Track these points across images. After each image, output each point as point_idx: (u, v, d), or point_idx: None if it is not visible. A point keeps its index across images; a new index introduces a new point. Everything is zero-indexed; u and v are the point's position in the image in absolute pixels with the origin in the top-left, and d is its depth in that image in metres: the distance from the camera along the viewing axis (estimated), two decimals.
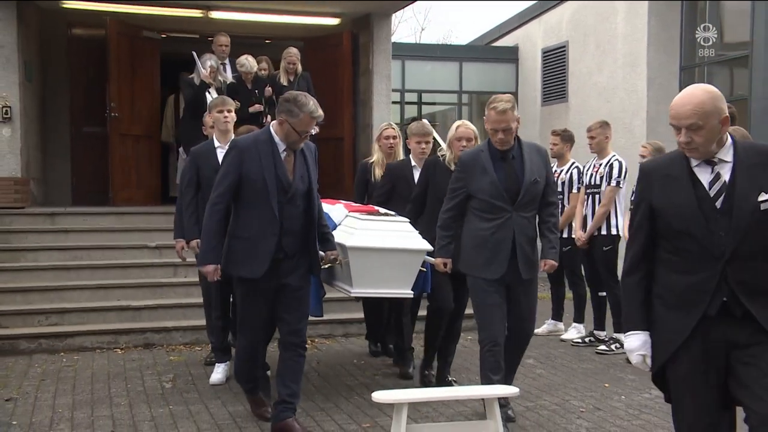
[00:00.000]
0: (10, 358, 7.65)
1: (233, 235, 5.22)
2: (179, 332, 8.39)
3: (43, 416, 5.86)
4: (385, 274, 5.74)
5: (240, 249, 5.16)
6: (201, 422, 5.70)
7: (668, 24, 15.05)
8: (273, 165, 5.08)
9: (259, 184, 5.04)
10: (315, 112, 5.09)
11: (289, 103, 5.09)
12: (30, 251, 9.34)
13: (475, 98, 18.98)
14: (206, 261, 5.27)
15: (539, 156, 5.54)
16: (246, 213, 5.16)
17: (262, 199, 5.06)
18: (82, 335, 8.14)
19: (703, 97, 3.31)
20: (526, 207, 5.38)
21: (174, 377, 6.96)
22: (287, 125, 5.07)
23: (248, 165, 5.05)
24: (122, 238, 9.80)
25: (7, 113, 10.33)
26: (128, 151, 11.52)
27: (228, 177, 5.09)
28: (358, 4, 11.62)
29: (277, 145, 5.14)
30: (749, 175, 3.27)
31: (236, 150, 5.14)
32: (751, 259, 3.24)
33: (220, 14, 11.77)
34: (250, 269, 5.10)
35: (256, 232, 5.09)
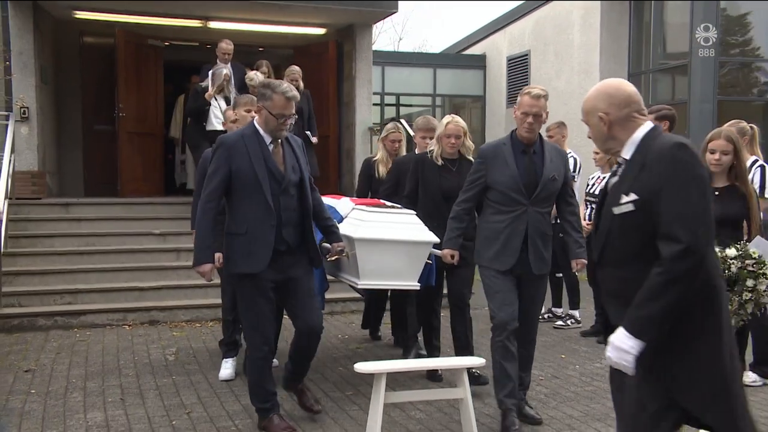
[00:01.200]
0: (28, 334, 7.66)
1: (230, 232, 4.66)
2: (181, 310, 8.39)
3: (59, 386, 5.86)
4: (392, 266, 5.24)
5: (238, 245, 4.59)
6: (201, 390, 5.72)
7: (618, 36, 15.18)
8: (262, 157, 4.58)
9: (251, 178, 4.53)
10: (288, 92, 4.60)
11: (263, 88, 4.68)
12: (46, 237, 9.32)
13: (448, 101, 19.07)
14: (202, 261, 4.70)
15: (559, 156, 5.07)
16: (241, 208, 4.62)
17: (256, 192, 4.54)
18: (94, 313, 8.14)
19: (588, 94, 3.05)
20: (543, 202, 4.92)
21: (176, 351, 6.98)
22: (264, 111, 4.60)
23: (237, 160, 4.55)
24: (129, 225, 9.79)
25: (25, 113, 10.35)
26: (134, 147, 11.51)
27: (217, 174, 4.57)
28: (342, 16, 11.60)
29: (263, 137, 4.65)
30: (629, 177, 2.87)
31: (223, 146, 4.62)
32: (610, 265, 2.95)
33: (217, 24, 11.75)
34: (251, 264, 4.56)
35: (252, 226, 4.56)
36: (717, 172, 4.43)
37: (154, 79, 11.94)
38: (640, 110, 2.95)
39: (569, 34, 16.29)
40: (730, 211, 4.31)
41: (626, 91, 2.97)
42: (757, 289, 4.07)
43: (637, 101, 2.96)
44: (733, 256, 4.12)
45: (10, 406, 5.34)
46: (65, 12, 11.24)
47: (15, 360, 6.63)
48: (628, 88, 3.01)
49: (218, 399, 5.52)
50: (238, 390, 5.72)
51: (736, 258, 4.11)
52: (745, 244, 4.17)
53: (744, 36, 14.24)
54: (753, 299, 4.09)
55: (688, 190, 2.69)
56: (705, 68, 13.32)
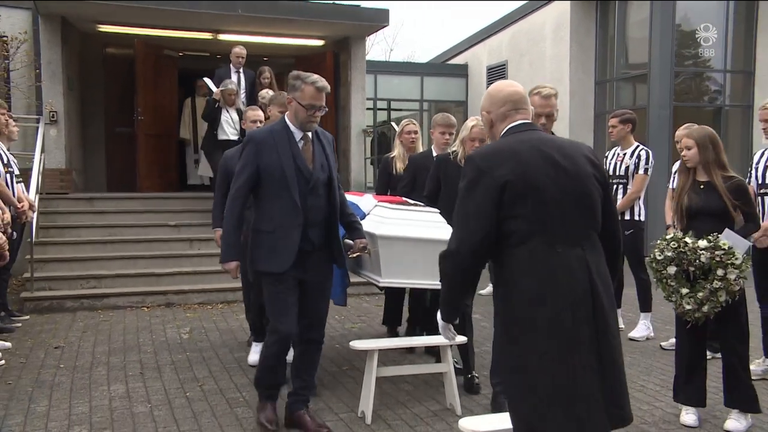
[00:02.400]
0: (57, 315, 7.69)
1: (256, 229, 4.17)
2: (194, 294, 8.41)
3: (85, 361, 5.88)
4: (415, 264, 4.60)
5: (264, 243, 4.11)
6: (212, 365, 5.75)
7: (585, 49, 15.23)
8: (291, 154, 4.07)
9: (278, 175, 4.03)
10: (318, 82, 4.08)
11: (293, 80, 4.13)
12: (73, 228, 9.32)
13: (434, 106, 19.05)
14: (229, 257, 4.18)
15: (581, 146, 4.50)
16: (267, 206, 4.11)
17: (283, 190, 4.04)
18: (116, 296, 8.17)
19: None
20: None
21: (190, 330, 7.00)
22: (294, 103, 4.09)
23: (265, 156, 4.05)
24: (147, 218, 9.79)
25: (54, 117, 10.36)
26: (151, 148, 11.47)
27: (245, 170, 4.08)
28: (339, 29, 11.59)
29: (293, 133, 4.14)
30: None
31: (252, 142, 4.12)
32: None
33: (226, 36, 11.71)
34: (276, 263, 4.07)
35: (279, 224, 4.06)
36: (694, 167, 4.43)
37: (170, 86, 11.92)
38: (518, 108, 2.87)
39: (542, 46, 16.33)
40: (711, 204, 4.28)
41: (505, 91, 2.91)
42: (727, 278, 4.08)
43: (515, 100, 2.88)
44: (704, 247, 4.13)
45: (41, 378, 5.36)
46: (90, 26, 11.23)
47: (46, 338, 6.65)
48: (508, 89, 2.93)
49: (227, 373, 5.54)
50: (245, 365, 5.75)
51: (706, 249, 4.12)
52: (716, 237, 4.16)
53: (696, 49, 14.29)
54: (724, 287, 4.09)
55: (458, 199, 2.76)
56: (662, 77, 13.38)
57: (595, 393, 2.60)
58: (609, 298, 2.70)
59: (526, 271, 2.63)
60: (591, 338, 2.61)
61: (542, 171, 2.67)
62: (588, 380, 2.60)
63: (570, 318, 2.59)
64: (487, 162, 2.69)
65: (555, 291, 2.60)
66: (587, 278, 2.62)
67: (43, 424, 4.42)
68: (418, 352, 6.08)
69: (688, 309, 4.21)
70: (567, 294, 2.60)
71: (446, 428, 4.35)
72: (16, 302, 7.86)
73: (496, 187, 2.63)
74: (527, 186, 2.63)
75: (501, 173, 2.63)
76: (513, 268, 2.66)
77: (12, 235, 6.60)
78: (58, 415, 4.58)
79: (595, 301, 2.62)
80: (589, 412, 2.58)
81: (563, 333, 2.59)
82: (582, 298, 2.61)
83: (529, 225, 2.63)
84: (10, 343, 6.29)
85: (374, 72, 18.01)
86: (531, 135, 2.80)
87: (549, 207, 2.64)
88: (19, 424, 4.41)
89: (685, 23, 14.02)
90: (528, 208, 2.62)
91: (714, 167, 4.37)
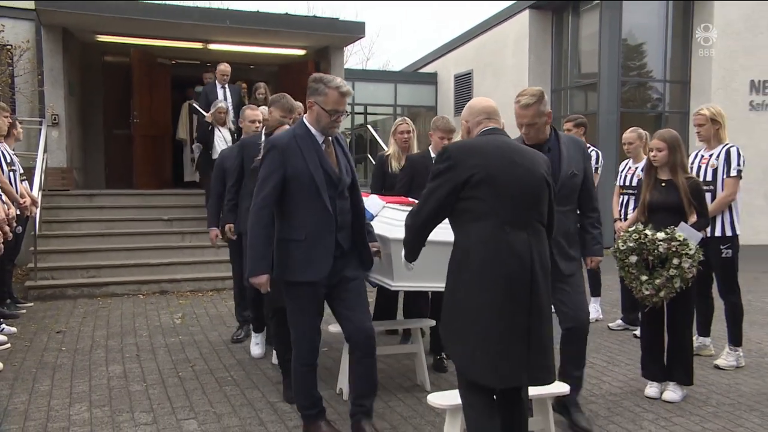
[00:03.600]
0: (60, 302, 7.60)
1: (286, 238, 3.56)
2: (186, 282, 8.35)
3: (85, 344, 5.81)
4: (427, 267, 4.09)
5: (297, 252, 3.53)
6: (202, 348, 5.71)
7: (543, 60, 15.37)
8: (317, 159, 3.54)
9: (307, 181, 3.49)
10: (342, 87, 3.55)
11: (315, 83, 3.58)
12: (74, 222, 9.20)
13: (406, 110, 19.12)
14: (259, 271, 3.52)
15: (577, 148, 3.98)
16: (298, 213, 3.54)
17: (313, 196, 3.50)
18: (114, 284, 8.09)
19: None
20: (563, 201, 3.82)
21: (182, 315, 6.94)
22: (316, 107, 3.55)
23: (291, 162, 3.50)
24: (143, 213, 9.69)
25: (56, 119, 10.23)
26: (147, 148, 11.38)
27: (271, 178, 3.50)
28: (319, 40, 11.55)
29: (316, 137, 3.60)
30: None
31: (276, 149, 3.54)
32: None
33: (216, 46, 11.66)
34: (312, 272, 3.52)
35: (312, 231, 3.51)
36: (659, 166, 4.48)
37: (163, 91, 11.80)
38: (490, 117, 3.16)
39: (504, 57, 16.43)
40: (670, 200, 4.34)
41: (481, 105, 3.21)
42: (682, 266, 4.15)
43: (488, 111, 3.17)
44: (662, 238, 4.19)
45: (44, 360, 5.29)
46: (89, 36, 11.10)
47: (48, 323, 6.57)
48: (483, 103, 3.22)
49: (217, 355, 5.51)
50: (233, 348, 5.72)
51: (664, 240, 4.18)
52: (673, 229, 4.21)
53: (640, 61, 14.47)
54: (679, 275, 4.15)
55: (429, 177, 3.05)
56: (610, 86, 13.51)
57: (520, 352, 2.83)
58: (545, 276, 2.93)
59: (478, 242, 2.88)
60: (525, 306, 2.84)
61: (501, 166, 2.92)
62: (516, 339, 2.83)
63: (508, 285, 2.82)
64: (459, 153, 2.97)
65: (499, 261, 2.84)
66: (528, 256, 2.86)
67: (46, 402, 4.37)
68: (395, 337, 6.09)
69: (646, 294, 4.29)
70: (508, 265, 2.83)
71: (416, 403, 4.36)
72: (20, 290, 7.76)
73: (462, 173, 2.89)
74: (487, 176, 2.88)
75: (470, 163, 2.90)
76: (469, 239, 2.92)
77: (17, 229, 6.53)
78: (60, 394, 4.53)
79: (532, 276, 2.85)
80: (510, 369, 2.83)
81: (501, 297, 2.82)
82: (521, 271, 2.84)
83: (485, 207, 2.88)
84: (15, 328, 6.21)
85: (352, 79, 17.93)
86: (497, 138, 3.08)
87: (502, 196, 2.88)
88: (24, 402, 4.36)
89: (631, 38, 14.18)
90: (486, 193, 2.88)
91: (678, 168, 4.45)
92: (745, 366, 5.26)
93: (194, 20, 10.39)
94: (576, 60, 15.11)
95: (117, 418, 4.09)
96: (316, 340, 3.68)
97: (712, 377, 4.97)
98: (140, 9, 10.40)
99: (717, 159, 5.28)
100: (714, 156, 5.31)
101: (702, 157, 5.42)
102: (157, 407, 4.29)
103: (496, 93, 16.15)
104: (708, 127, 5.36)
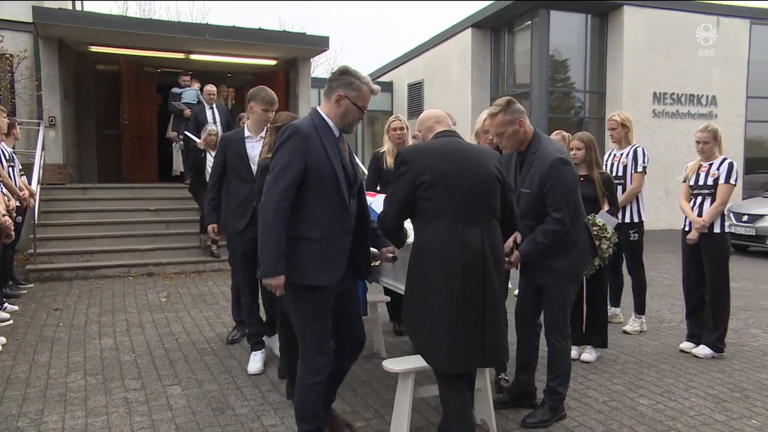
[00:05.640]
0: (57, 283, 7.43)
1: (299, 236, 2.74)
2: (171, 266, 8.22)
3: (80, 320, 5.69)
4: None
5: (311, 253, 2.75)
6: (185, 323, 5.64)
7: (483, 72, 15.49)
8: (338, 153, 2.82)
9: (328, 176, 2.75)
10: (372, 84, 2.92)
11: (346, 75, 2.86)
12: (70, 212, 8.97)
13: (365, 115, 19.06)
14: (277, 271, 2.68)
15: (539, 165, 3.30)
16: (314, 209, 2.76)
17: (334, 192, 2.77)
18: (106, 268, 7.91)
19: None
20: (524, 216, 3.34)
21: (167, 295, 6.84)
22: (347, 101, 2.83)
23: (314, 153, 2.74)
24: (132, 204, 9.50)
25: (53, 121, 9.99)
26: (135, 147, 11.17)
27: (293, 168, 2.70)
28: (288, 52, 11.43)
29: (333, 131, 2.86)
30: None
31: (299, 135, 2.73)
32: None
33: (197, 56, 11.47)
34: (327, 275, 2.77)
35: (328, 230, 2.77)
36: (578, 164, 4.54)
37: (150, 96, 11.58)
38: (439, 122, 2.98)
39: (450, 68, 16.52)
40: (587, 192, 4.39)
41: (429, 114, 3.05)
42: (601, 247, 4.21)
43: (436, 117, 3.01)
44: None
45: (44, 334, 5.17)
46: (83, 47, 10.84)
47: (47, 302, 6.41)
48: (431, 112, 3.07)
49: (198, 329, 5.45)
50: (213, 321, 5.68)
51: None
52: (593, 216, 4.26)
53: (565, 74, 14.70)
54: (598, 255, 4.19)
55: (390, 181, 2.91)
56: (540, 95, 13.70)
57: (475, 338, 2.72)
58: (498, 267, 2.80)
59: (433, 240, 2.73)
60: (478, 294, 2.73)
61: (452, 166, 2.75)
62: (471, 326, 2.72)
63: (462, 276, 2.69)
64: (411, 156, 2.79)
65: (453, 255, 2.70)
66: (481, 250, 2.72)
67: (45, 372, 4.27)
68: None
69: None
70: (462, 258, 2.70)
71: (374, 368, 4.38)
72: (22, 273, 7.55)
73: (415, 175, 2.73)
74: (438, 177, 2.72)
75: (422, 165, 2.74)
76: (425, 237, 2.76)
77: (17, 219, 6.38)
78: (57, 364, 4.44)
79: (485, 267, 2.73)
80: (467, 354, 2.72)
81: (456, 287, 2.70)
82: (474, 264, 2.71)
83: (438, 206, 2.72)
84: (17, 306, 6.07)
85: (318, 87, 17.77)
86: (448, 140, 2.88)
87: (453, 194, 2.72)
88: (25, 372, 4.26)
89: (557, 54, 14.40)
90: (438, 193, 2.72)
91: (594, 165, 4.54)
92: (647, 331, 5.43)
93: (177, 34, 10.25)
94: (511, 72, 15.29)
95: (109, 385, 4.02)
96: (330, 353, 2.88)
97: (621, 340, 5.12)
98: (129, 24, 10.27)
99: (627, 157, 5.42)
100: (624, 155, 5.45)
101: (614, 155, 5.56)
102: (145, 375, 4.23)
103: (444, 100, 16.26)
104: (619, 131, 5.50)
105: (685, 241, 4.81)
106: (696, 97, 14.70)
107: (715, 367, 4.51)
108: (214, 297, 6.65)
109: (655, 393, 3.96)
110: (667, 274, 8.42)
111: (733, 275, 5.60)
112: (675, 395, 3.92)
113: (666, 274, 8.39)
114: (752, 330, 5.57)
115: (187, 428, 3.37)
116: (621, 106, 13.59)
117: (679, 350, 4.87)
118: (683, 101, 14.58)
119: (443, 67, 16.91)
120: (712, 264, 4.68)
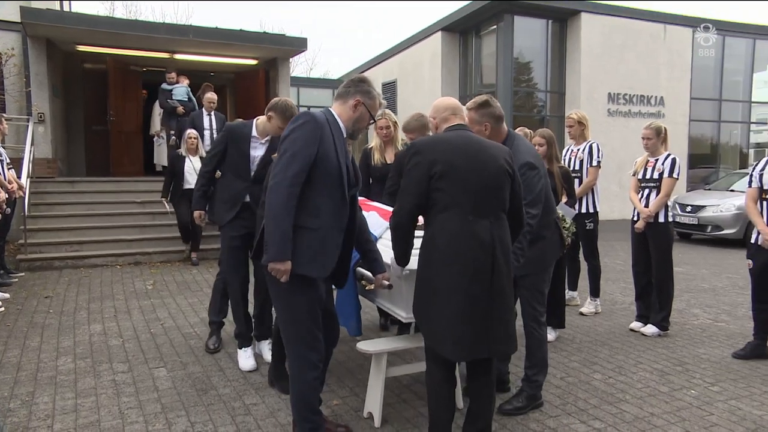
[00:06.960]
0: (47, 272, 7.29)
1: (297, 224, 2.53)
2: (156, 255, 8.12)
3: (70, 307, 5.60)
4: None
5: (307, 242, 2.57)
6: (170, 309, 5.59)
7: (452, 72, 15.52)
8: (344, 150, 2.71)
9: (334, 168, 2.61)
10: (381, 98, 2.85)
11: (365, 84, 2.78)
12: (59, 204, 8.78)
13: None
14: (285, 256, 2.49)
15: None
16: (315, 200, 2.59)
17: (336, 185, 2.63)
18: (94, 257, 7.78)
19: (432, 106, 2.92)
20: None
21: (153, 282, 6.76)
22: (363, 108, 2.74)
23: (325, 143, 2.59)
24: (119, 196, 9.31)
25: (42, 117, 9.73)
26: (121, 142, 10.94)
27: (305, 152, 2.53)
28: (268, 52, 11.29)
29: (342, 131, 2.73)
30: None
31: (314, 123, 2.59)
32: None
33: (180, 56, 11.26)
34: (319, 267, 2.61)
35: (324, 222, 2.61)
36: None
37: (135, 94, 11.34)
38: (455, 113, 2.84)
39: (422, 69, 16.52)
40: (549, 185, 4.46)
41: (446, 102, 2.89)
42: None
43: (453, 108, 2.85)
44: None
45: (34, 321, 5.08)
46: (70, 46, 10.57)
47: (38, 290, 6.29)
48: (448, 101, 2.91)
49: (183, 314, 5.41)
50: (197, 307, 5.63)
51: None
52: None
53: (528, 75, 14.81)
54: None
55: (403, 175, 2.67)
56: (505, 94, 13.79)
57: (483, 328, 2.58)
58: (506, 259, 2.65)
59: (444, 231, 2.59)
60: (487, 286, 2.59)
61: (464, 159, 2.61)
62: (479, 317, 2.57)
63: (472, 268, 2.56)
64: (424, 148, 2.65)
65: (463, 246, 2.56)
66: (490, 242, 2.58)
67: (36, 356, 4.20)
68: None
69: None
70: (472, 251, 2.56)
71: (350, 350, 4.39)
72: (13, 263, 7.38)
73: (428, 167, 2.59)
74: (450, 168, 2.58)
75: (433, 157, 2.60)
76: (435, 228, 2.61)
77: (6, 211, 6.25)
78: (48, 349, 4.36)
79: (494, 260, 2.59)
80: (475, 343, 2.58)
81: (466, 278, 2.56)
82: (484, 256, 2.57)
83: (448, 198, 2.58)
84: (8, 294, 5.95)
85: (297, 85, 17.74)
86: (462, 133, 2.76)
87: (464, 187, 2.58)
88: (17, 356, 4.18)
89: (521, 57, 14.50)
90: (450, 185, 2.58)
91: (553, 159, 4.59)
92: (601, 312, 5.54)
93: (161, 34, 10.06)
94: (479, 73, 15.35)
95: (98, 368, 3.97)
96: (322, 348, 2.74)
97: (577, 321, 5.22)
98: (114, 24, 10.06)
99: (583, 152, 5.50)
100: (581, 150, 5.53)
101: (572, 151, 5.63)
102: (132, 358, 4.19)
103: (416, 98, 16.28)
104: (576, 128, 5.57)
105: (634, 230, 4.92)
106: (646, 98, 14.96)
107: (660, 344, 4.62)
108: (198, 284, 6.60)
109: (607, 368, 4.05)
110: (620, 260, 8.58)
111: (677, 261, 5.74)
112: (625, 370, 4.02)
113: (618, 261, 8.55)
114: (693, 310, 5.73)
115: (173, 408, 3.35)
116: (579, 106, 13.76)
117: (629, 329, 4.99)
118: (635, 101, 14.82)
119: (415, 67, 16.91)
120: (657, 251, 4.79)
